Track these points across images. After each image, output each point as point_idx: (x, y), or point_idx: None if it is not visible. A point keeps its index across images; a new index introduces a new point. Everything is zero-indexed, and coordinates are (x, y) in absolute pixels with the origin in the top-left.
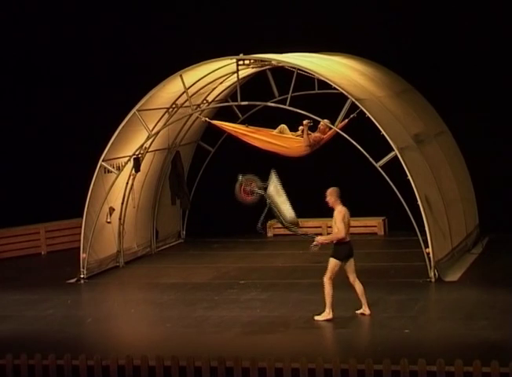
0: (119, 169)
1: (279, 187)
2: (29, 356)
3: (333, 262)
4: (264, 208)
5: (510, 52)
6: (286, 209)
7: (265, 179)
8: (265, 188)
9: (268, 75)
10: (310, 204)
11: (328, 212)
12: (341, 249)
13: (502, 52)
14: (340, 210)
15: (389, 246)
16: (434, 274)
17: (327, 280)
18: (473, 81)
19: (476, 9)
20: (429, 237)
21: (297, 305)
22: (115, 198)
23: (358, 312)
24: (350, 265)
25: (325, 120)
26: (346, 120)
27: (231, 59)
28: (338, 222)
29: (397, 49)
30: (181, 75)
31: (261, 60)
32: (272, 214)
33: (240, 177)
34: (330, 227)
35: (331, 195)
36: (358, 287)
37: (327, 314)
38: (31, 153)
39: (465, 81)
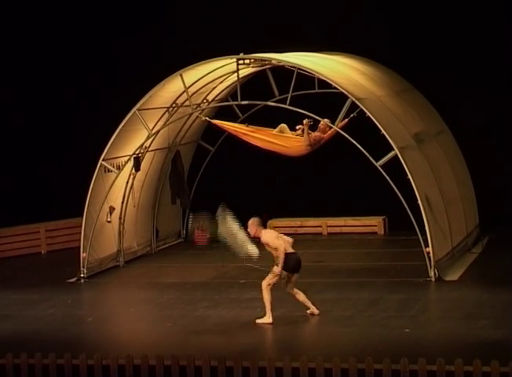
0: (119, 168)
1: (233, 225)
2: (29, 355)
3: (277, 270)
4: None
5: (510, 51)
6: (243, 248)
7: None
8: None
9: (268, 75)
10: (310, 204)
11: (328, 211)
12: (288, 260)
13: (503, 51)
14: (264, 234)
15: (389, 245)
16: (434, 273)
17: (265, 287)
18: (474, 80)
19: (476, 8)
20: (430, 236)
21: (297, 304)
22: (116, 197)
23: (308, 312)
24: (295, 280)
25: (325, 119)
26: (346, 119)
27: (231, 58)
28: (272, 243)
29: (397, 49)
30: (181, 75)
31: (261, 60)
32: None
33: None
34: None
35: (252, 226)
36: (299, 295)
37: (268, 318)
38: (32, 153)
39: (465, 80)
